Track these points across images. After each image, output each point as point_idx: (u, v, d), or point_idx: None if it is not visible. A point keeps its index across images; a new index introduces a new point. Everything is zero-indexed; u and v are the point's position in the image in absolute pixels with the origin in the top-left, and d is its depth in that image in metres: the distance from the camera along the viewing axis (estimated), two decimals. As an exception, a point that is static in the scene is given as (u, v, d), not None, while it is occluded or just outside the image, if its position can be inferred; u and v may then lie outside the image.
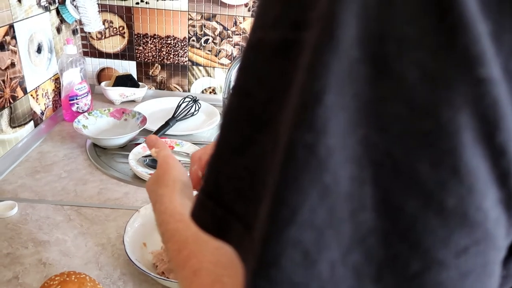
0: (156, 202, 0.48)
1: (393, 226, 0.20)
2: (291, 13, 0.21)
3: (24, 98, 1.02)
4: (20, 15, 0.97)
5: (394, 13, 0.19)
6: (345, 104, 0.19)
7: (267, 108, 0.22)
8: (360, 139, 0.19)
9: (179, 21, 1.29)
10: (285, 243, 0.19)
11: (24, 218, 0.78)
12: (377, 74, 0.19)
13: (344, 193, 0.19)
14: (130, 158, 0.95)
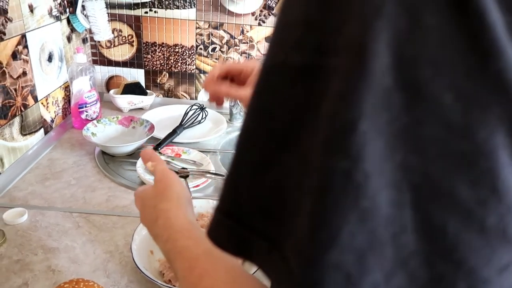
0: (158, 217, 0.47)
1: (436, 248, 0.20)
2: (314, 37, 0.21)
3: (35, 106, 1.04)
4: (32, 24, 1.00)
5: (426, 37, 0.19)
6: (380, 130, 0.19)
7: (291, 129, 0.22)
8: (397, 163, 0.20)
9: (187, 29, 1.31)
10: (327, 266, 0.20)
11: (34, 225, 0.80)
12: (411, 99, 0.19)
13: (384, 216, 0.20)
14: (138, 165, 0.96)
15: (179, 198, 0.49)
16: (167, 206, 0.47)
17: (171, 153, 1.04)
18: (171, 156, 1.03)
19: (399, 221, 0.20)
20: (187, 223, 0.45)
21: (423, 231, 0.20)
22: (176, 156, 1.03)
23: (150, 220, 0.48)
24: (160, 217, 0.47)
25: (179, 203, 0.48)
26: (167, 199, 0.48)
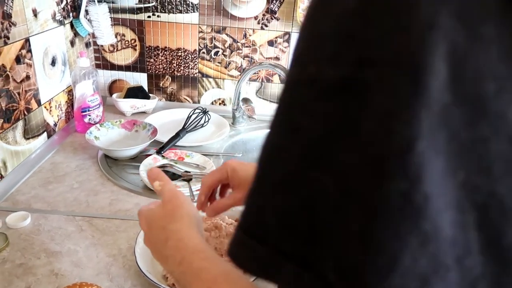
0: (169, 238, 0.45)
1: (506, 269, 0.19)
2: (352, 50, 0.20)
3: (38, 110, 1.04)
4: (35, 29, 1.00)
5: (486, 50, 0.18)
6: (439, 149, 0.18)
7: (324, 146, 0.21)
8: (459, 182, 0.19)
9: (189, 33, 1.31)
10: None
11: (36, 228, 0.79)
12: (474, 115, 0.18)
13: (447, 239, 0.19)
14: (141, 169, 0.96)
15: (190, 218, 0.47)
16: (178, 226, 0.46)
17: (174, 157, 1.04)
18: (174, 159, 1.03)
19: (463, 243, 0.19)
20: (201, 244, 0.43)
21: (491, 253, 0.19)
22: (179, 160, 1.03)
23: (159, 241, 0.46)
24: (171, 238, 0.45)
25: (190, 224, 0.46)
26: (177, 220, 0.47)
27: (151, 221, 0.49)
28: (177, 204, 0.49)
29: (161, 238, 0.46)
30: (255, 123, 1.31)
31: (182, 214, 0.47)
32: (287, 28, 1.30)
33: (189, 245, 0.43)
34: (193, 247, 0.43)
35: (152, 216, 0.49)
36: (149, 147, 1.08)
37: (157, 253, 0.47)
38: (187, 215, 0.47)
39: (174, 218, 0.47)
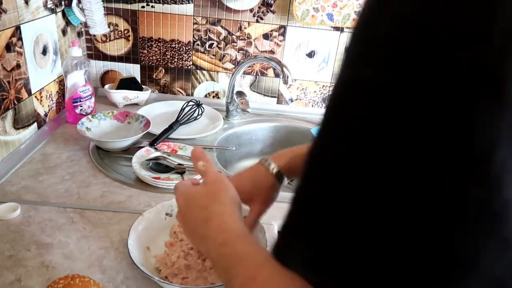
0: (210, 218, 0.44)
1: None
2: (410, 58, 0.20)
3: (28, 99, 1.02)
4: (26, 16, 0.98)
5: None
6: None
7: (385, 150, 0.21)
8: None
9: (184, 25, 1.30)
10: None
11: (26, 220, 0.78)
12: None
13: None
14: (133, 161, 0.95)
15: (233, 203, 0.47)
16: (222, 209, 0.45)
17: (167, 149, 1.03)
18: (167, 152, 1.02)
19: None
20: (245, 229, 0.43)
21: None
22: (172, 152, 1.02)
23: (197, 220, 0.45)
24: (213, 219, 0.44)
25: (233, 208, 0.46)
26: (221, 202, 0.46)
27: (191, 198, 0.48)
28: (221, 186, 0.48)
29: (201, 217, 0.45)
30: (249, 116, 1.30)
31: (226, 197, 0.47)
32: (282, 21, 1.29)
33: (233, 229, 0.42)
34: (236, 231, 0.42)
35: (192, 193, 0.48)
36: (142, 139, 1.07)
37: (192, 231, 0.46)
38: (231, 199, 0.47)
39: (217, 200, 0.46)
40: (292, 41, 1.32)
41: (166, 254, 0.70)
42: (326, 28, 1.29)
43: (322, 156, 0.24)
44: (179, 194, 0.51)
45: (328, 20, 1.24)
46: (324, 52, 1.33)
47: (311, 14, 1.23)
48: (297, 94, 1.40)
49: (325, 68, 1.36)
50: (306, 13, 1.23)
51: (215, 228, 0.43)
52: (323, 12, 1.23)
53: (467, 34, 0.18)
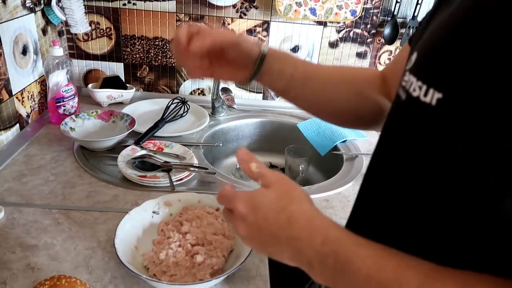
0: (294, 219, 0.41)
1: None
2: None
3: (9, 100, 1.00)
4: (4, 16, 0.96)
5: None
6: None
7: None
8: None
9: (166, 22, 1.29)
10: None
11: (11, 222, 0.77)
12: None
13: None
14: (119, 160, 0.94)
15: (308, 199, 0.45)
16: (303, 206, 0.43)
17: (153, 147, 1.02)
18: (153, 150, 1.01)
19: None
20: (335, 222, 0.41)
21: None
22: (158, 150, 1.02)
23: (278, 224, 0.42)
24: (298, 219, 0.41)
25: (312, 204, 0.44)
26: (298, 200, 0.44)
27: (260, 203, 0.43)
28: (290, 186, 0.45)
29: (281, 220, 0.42)
30: (234, 112, 1.30)
31: (301, 195, 0.45)
32: (266, 17, 1.29)
33: (328, 224, 0.41)
34: (333, 226, 0.41)
35: (259, 197, 0.44)
36: (127, 138, 1.06)
37: (271, 237, 0.42)
38: (305, 195, 0.45)
39: (293, 198, 0.43)
40: (276, 36, 1.32)
41: (154, 252, 0.70)
42: (309, 22, 1.30)
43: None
44: (239, 201, 0.44)
45: (311, 14, 1.24)
46: (308, 47, 1.34)
47: (294, 9, 1.23)
48: (283, 89, 1.40)
49: (310, 63, 1.36)
50: (289, 8, 1.23)
51: (306, 228, 0.41)
52: (305, 7, 1.23)
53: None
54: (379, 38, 1.33)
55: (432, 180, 0.37)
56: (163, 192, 0.88)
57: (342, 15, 1.25)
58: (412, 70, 0.40)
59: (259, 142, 1.33)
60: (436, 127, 0.35)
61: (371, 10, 1.29)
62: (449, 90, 0.34)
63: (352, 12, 1.25)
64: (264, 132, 1.33)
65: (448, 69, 0.35)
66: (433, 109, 0.35)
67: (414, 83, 0.38)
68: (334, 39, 1.33)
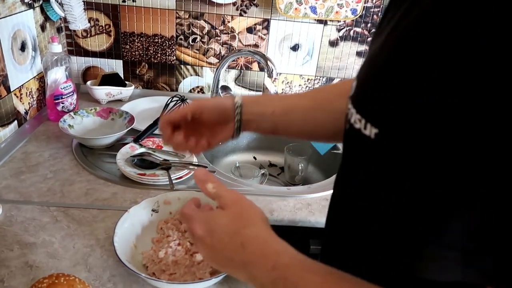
0: (247, 243, 0.41)
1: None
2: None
3: (7, 97, 0.99)
4: (3, 11, 0.95)
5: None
6: None
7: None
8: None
9: (166, 19, 1.28)
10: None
11: (9, 219, 0.76)
12: None
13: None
14: (118, 158, 0.94)
15: (264, 221, 0.44)
16: (256, 231, 0.43)
17: (152, 145, 1.02)
18: (152, 148, 1.01)
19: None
20: (289, 247, 0.41)
21: None
22: (157, 148, 1.01)
23: (232, 247, 0.42)
24: (251, 243, 0.41)
25: (267, 226, 0.43)
26: (252, 223, 0.43)
27: (215, 225, 0.44)
28: (245, 207, 0.45)
29: (235, 244, 0.42)
30: (234, 111, 1.29)
31: (255, 217, 0.44)
32: (266, 15, 1.28)
33: (279, 250, 0.41)
34: (283, 251, 0.41)
35: (214, 220, 0.44)
36: (126, 135, 1.05)
37: (226, 260, 0.43)
38: (261, 218, 0.44)
39: (248, 222, 0.43)
40: (276, 34, 1.31)
41: (153, 251, 0.69)
42: (309, 21, 1.29)
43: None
44: (194, 222, 0.45)
45: (312, 13, 1.24)
46: (308, 45, 1.34)
47: (294, 7, 1.23)
48: (282, 88, 1.39)
49: (310, 61, 1.36)
50: (290, 6, 1.23)
51: (258, 253, 0.41)
52: (306, 5, 1.23)
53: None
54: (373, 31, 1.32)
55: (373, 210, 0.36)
56: (162, 190, 0.88)
57: (343, 14, 1.25)
58: (352, 100, 0.38)
59: (258, 140, 1.32)
60: (375, 160, 0.34)
61: (371, 9, 1.28)
62: (384, 126, 0.32)
63: (353, 10, 1.24)
64: (264, 130, 1.32)
65: (381, 103, 0.33)
66: (373, 142, 0.33)
67: (354, 114, 0.36)
68: (334, 37, 1.33)
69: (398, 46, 0.32)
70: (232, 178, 0.99)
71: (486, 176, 0.26)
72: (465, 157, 0.27)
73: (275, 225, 0.84)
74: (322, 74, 1.38)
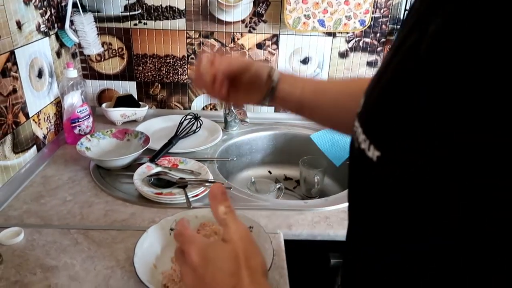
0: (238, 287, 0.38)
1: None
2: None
3: (26, 123, 1.02)
4: (20, 41, 0.98)
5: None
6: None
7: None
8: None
9: (177, 40, 1.31)
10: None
11: (30, 244, 0.77)
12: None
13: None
14: (135, 178, 0.95)
15: (264, 272, 0.41)
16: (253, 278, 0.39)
17: (167, 164, 1.03)
18: (167, 166, 1.02)
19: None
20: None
21: None
22: (173, 167, 1.02)
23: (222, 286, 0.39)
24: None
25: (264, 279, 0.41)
26: (253, 269, 0.40)
27: (212, 259, 0.41)
28: (250, 249, 0.41)
29: (226, 285, 0.39)
30: (247, 126, 1.30)
31: (256, 265, 0.40)
32: (275, 30, 1.30)
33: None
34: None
35: (214, 251, 0.41)
36: (142, 155, 1.06)
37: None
38: (261, 268, 0.41)
39: (247, 265, 0.40)
40: (286, 49, 1.32)
41: (173, 270, 0.69)
42: (318, 34, 1.30)
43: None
44: (194, 248, 0.42)
45: (320, 26, 1.25)
46: (318, 58, 1.34)
47: (302, 22, 1.24)
48: (294, 101, 1.40)
49: (320, 74, 1.36)
50: (298, 21, 1.24)
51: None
52: (314, 19, 1.24)
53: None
54: (389, 46, 1.32)
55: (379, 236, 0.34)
56: (180, 208, 0.88)
57: (351, 25, 1.25)
58: (359, 117, 0.36)
59: (272, 154, 1.32)
60: (377, 184, 0.32)
61: (380, 19, 1.29)
62: (386, 150, 0.30)
63: (361, 22, 1.25)
64: (278, 144, 1.32)
65: (384, 125, 0.31)
66: (375, 165, 0.31)
67: (360, 134, 0.34)
68: (344, 49, 1.33)
69: (401, 67, 0.30)
70: (248, 193, 0.99)
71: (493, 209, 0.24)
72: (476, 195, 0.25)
73: (294, 240, 0.84)
74: (333, 85, 1.38)
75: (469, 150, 0.25)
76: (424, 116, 0.27)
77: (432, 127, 0.26)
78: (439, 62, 0.26)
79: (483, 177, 0.24)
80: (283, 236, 0.82)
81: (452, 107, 0.26)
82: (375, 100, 0.33)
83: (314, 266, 0.91)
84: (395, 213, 0.31)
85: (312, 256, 0.89)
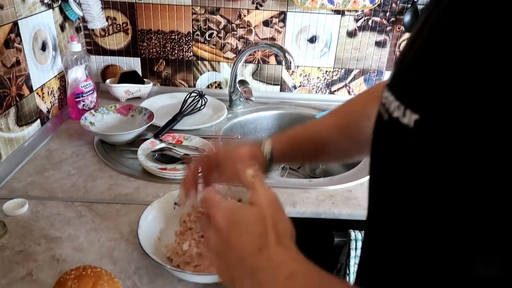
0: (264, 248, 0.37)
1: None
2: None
3: (30, 96, 1.01)
4: (24, 12, 0.97)
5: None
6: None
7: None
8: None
9: (182, 16, 1.28)
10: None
11: (35, 215, 0.77)
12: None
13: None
14: (139, 153, 0.94)
15: (291, 236, 0.40)
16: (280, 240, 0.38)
17: (172, 140, 1.02)
18: (172, 143, 1.01)
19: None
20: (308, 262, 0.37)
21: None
22: (178, 143, 1.01)
23: (248, 249, 0.38)
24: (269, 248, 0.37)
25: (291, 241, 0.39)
26: (280, 232, 0.39)
27: (238, 221, 0.39)
28: (279, 214, 0.40)
29: (252, 246, 0.38)
30: (252, 105, 1.29)
31: (284, 226, 0.39)
32: (282, 7, 1.27)
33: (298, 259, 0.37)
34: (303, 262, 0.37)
35: (241, 213, 0.40)
36: (146, 131, 1.06)
37: (236, 260, 0.38)
38: (290, 230, 0.40)
39: (275, 227, 0.39)
40: (293, 27, 1.30)
41: (177, 243, 0.69)
42: (326, 12, 1.28)
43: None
44: (219, 210, 0.41)
45: (329, 3, 1.22)
46: (325, 37, 1.32)
47: (311, -2, 1.21)
48: (300, 81, 1.38)
49: (328, 53, 1.34)
50: (306, -2, 1.21)
51: (274, 258, 0.36)
52: (323, -4, 1.21)
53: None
54: (399, 26, 1.30)
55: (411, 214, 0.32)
56: (184, 184, 0.87)
57: (361, 3, 1.23)
58: (389, 87, 0.35)
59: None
60: (412, 151, 0.30)
61: (390, -3, 1.26)
62: (425, 111, 0.29)
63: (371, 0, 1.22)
64: (283, 124, 1.31)
65: (422, 87, 0.30)
66: (411, 131, 0.30)
67: (393, 102, 0.33)
68: (352, 28, 1.30)
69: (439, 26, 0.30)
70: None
71: (496, 204, 0.24)
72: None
73: (298, 218, 0.84)
74: (340, 65, 1.36)
75: (473, 144, 0.25)
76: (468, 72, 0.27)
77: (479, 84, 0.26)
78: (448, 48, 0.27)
79: (486, 172, 0.24)
80: (287, 213, 0.81)
81: (455, 102, 0.27)
82: (411, 63, 0.33)
83: (318, 244, 0.91)
84: (428, 179, 0.30)
85: (316, 235, 0.89)
